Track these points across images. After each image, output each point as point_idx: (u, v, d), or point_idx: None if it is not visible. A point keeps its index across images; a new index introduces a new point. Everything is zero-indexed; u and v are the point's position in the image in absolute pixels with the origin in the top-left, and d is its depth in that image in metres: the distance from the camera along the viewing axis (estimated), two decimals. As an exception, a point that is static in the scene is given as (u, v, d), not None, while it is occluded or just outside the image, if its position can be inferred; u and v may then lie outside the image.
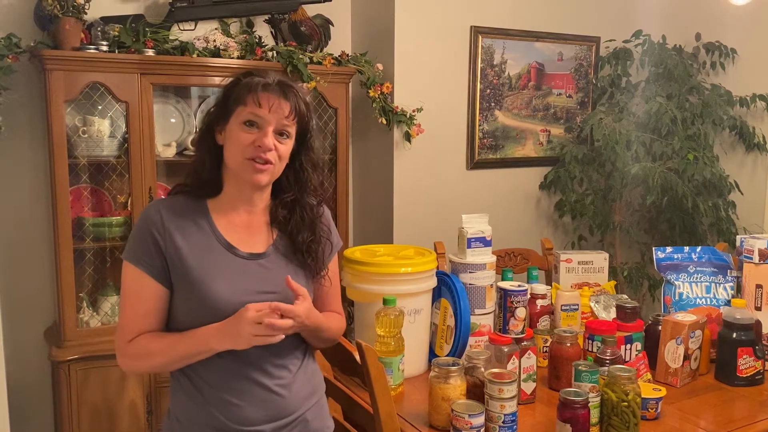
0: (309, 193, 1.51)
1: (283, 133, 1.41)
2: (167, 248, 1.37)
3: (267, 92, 1.39)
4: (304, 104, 1.44)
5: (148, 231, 1.38)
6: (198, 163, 1.45)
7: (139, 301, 1.38)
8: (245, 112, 1.39)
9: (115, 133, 2.69)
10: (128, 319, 1.39)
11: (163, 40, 2.69)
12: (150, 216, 1.40)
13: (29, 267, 2.81)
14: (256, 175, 1.39)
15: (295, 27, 2.98)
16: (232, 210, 1.45)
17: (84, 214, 2.72)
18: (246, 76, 1.44)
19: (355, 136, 3.32)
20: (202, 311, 1.36)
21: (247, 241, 1.44)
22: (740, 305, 2.05)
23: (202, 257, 1.38)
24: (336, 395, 1.80)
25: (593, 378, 1.67)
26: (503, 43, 3.41)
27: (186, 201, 1.44)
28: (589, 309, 2.29)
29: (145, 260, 1.37)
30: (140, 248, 1.38)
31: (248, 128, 1.39)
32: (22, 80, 2.63)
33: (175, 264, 1.37)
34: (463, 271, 2.10)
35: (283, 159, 1.42)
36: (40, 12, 2.57)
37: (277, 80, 1.42)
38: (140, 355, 1.38)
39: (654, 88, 3.44)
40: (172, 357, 1.37)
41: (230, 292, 1.37)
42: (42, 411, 2.86)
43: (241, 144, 1.38)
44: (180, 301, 1.38)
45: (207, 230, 1.41)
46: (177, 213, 1.41)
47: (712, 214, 3.29)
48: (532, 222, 3.64)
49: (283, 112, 1.39)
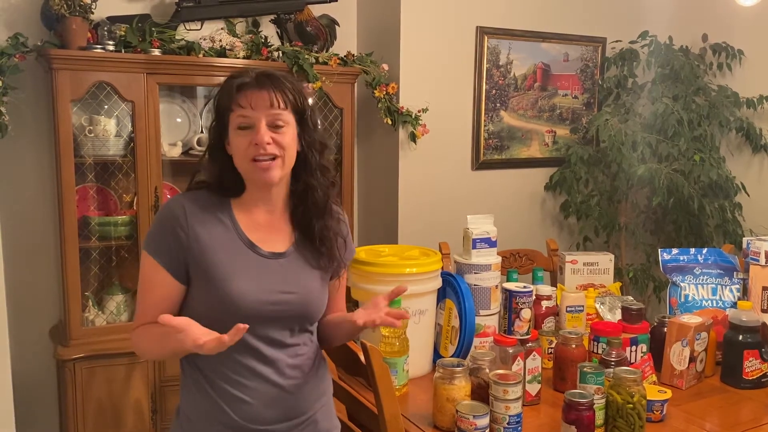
0: (316, 176, 1.47)
1: (277, 124, 1.39)
2: (190, 244, 1.37)
3: (245, 90, 1.38)
4: (289, 89, 1.41)
5: (170, 226, 1.38)
6: (216, 175, 1.45)
7: (151, 291, 1.40)
8: (235, 118, 1.39)
9: (121, 132, 2.69)
10: (140, 306, 1.42)
11: (169, 40, 2.70)
12: (173, 211, 1.39)
13: (35, 265, 2.82)
14: (265, 174, 1.39)
15: (301, 27, 2.99)
16: (254, 208, 1.45)
17: (90, 213, 2.73)
18: (226, 82, 1.43)
19: (360, 136, 3.32)
20: (220, 307, 1.36)
21: (268, 241, 1.44)
22: (746, 307, 2.04)
23: (225, 254, 1.38)
24: (341, 395, 1.80)
25: (598, 380, 1.66)
26: (509, 43, 3.41)
27: (209, 196, 1.44)
28: (594, 310, 2.29)
29: (163, 254, 1.37)
30: (160, 242, 1.38)
31: (243, 132, 1.38)
32: (29, 79, 2.64)
33: (197, 260, 1.37)
34: (468, 271, 2.10)
35: (289, 148, 1.40)
36: (47, 11, 2.57)
37: (254, 75, 1.41)
38: (141, 344, 1.41)
39: (660, 89, 3.43)
40: (163, 352, 1.38)
41: (251, 290, 1.37)
42: (47, 409, 2.87)
43: (240, 149, 1.39)
44: (199, 295, 1.39)
45: (230, 227, 1.42)
46: (201, 208, 1.41)
47: (718, 216, 3.28)
48: (537, 223, 3.64)
49: (266, 104, 1.37)
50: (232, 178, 1.43)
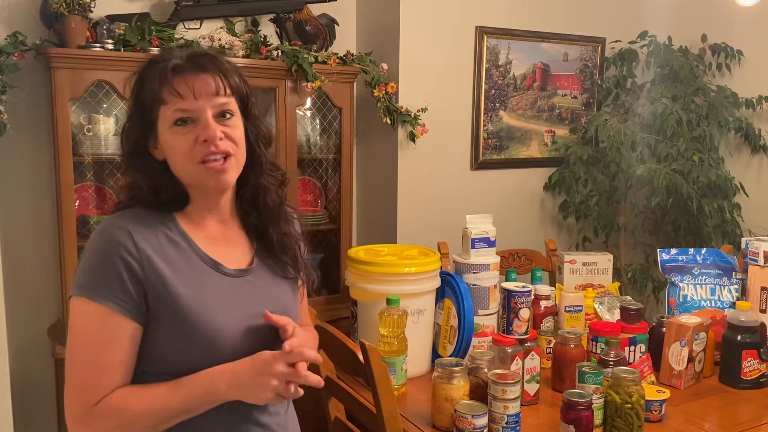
0: (266, 175, 1.26)
1: (224, 113, 1.15)
2: (147, 276, 1.10)
3: (181, 75, 1.12)
4: (231, 70, 1.18)
5: (118, 257, 1.09)
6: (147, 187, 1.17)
7: (107, 349, 1.09)
8: (169, 112, 1.13)
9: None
10: (92, 375, 1.10)
11: (168, 39, 2.69)
12: (116, 238, 1.10)
13: (33, 264, 2.81)
14: (219, 177, 1.15)
15: (300, 26, 2.98)
16: (202, 221, 1.21)
17: (88, 212, 2.72)
18: (150, 66, 1.16)
19: (359, 135, 3.32)
20: (196, 346, 1.11)
21: (228, 256, 1.21)
22: (745, 308, 2.04)
23: (190, 282, 1.13)
24: (339, 395, 1.80)
25: (597, 379, 1.66)
26: (508, 43, 3.41)
27: (149, 215, 1.16)
28: (593, 310, 2.29)
29: (113, 295, 1.08)
30: (106, 280, 1.09)
31: (181, 128, 1.13)
32: (28, 78, 2.63)
33: (159, 295, 1.10)
34: (466, 271, 2.10)
35: (240, 142, 1.18)
36: (46, 10, 2.57)
37: (186, 55, 1.16)
38: (116, 422, 1.09)
39: (659, 89, 3.43)
40: (162, 416, 1.10)
41: (228, 319, 1.14)
42: (45, 408, 2.87)
43: (182, 150, 1.13)
44: (163, 338, 1.12)
45: (185, 248, 1.16)
46: (146, 228, 1.14)
47: (717, 216, 3.28)
48: (536, 223, 3.64)
49: (211, 90, 1.13)
50: (169, 187, 1.17)
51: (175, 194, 1.18)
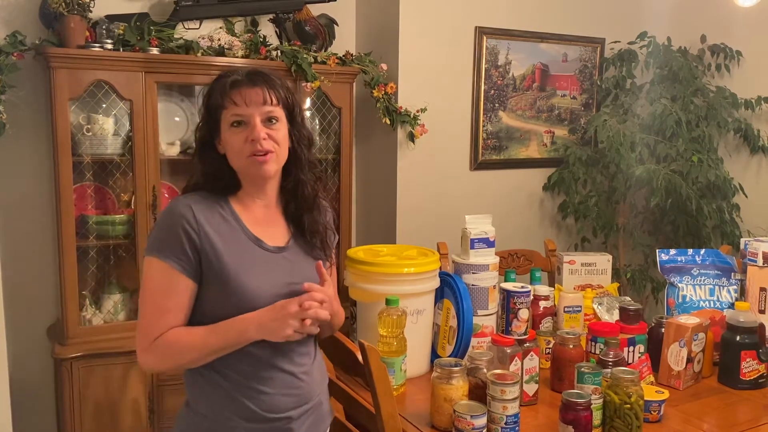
0: (305, 171, 1.53)
1: (270, 119, 1.44)
2: (203, 245, 1.39)
3: (238, 88, 1.42)
4: (279, 86, 1.46)
5: (180, 226, 1.38)
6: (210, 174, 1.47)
7: (167, 297, 1.39)
8: (228, 116, 1.42)
9: (119, 131, 2.69)
10: (155, 316, 1.39)
11: (167, 39, 2.69)
12: (180, 211, 1.40)
13: (32, 264, 2.81)
14: (262, 168, 1.43)
15: (299, 26, 2.99)
16: (251, 204, 1.49)
17: (87, 212, 2.72)
18: (217, 81, 1.47)
19: (358, 136, 3.32)
20: (233, 305, 1.39)
21: (270, 235, 1.48)
22: (744, 308, 2.04)
23: (235, 252, 1.41)
24: (338, 395, 1.80)
25: (596, 380, 1.66)
26: (508, 43, 3.41)
27: (209, 196, 1.46)
28: (592, 311, 2.29)
29: (176, 256, 1.38)
30: (170, 244, 1.38)
31: (237, 129, 1.42)
32: (27, 78, 2.63)
33: (210, 260, 1.39)
34: (466, 271, 2.10)
35: (282, 143, 1.46)
36: (45, 10, 2.57)
37: (245, 73, 1.46)
38: (170, 353, 1.39)
39: (659, 89, 3.43)
40: (204, 351, 1.38)
41: (264, 285, 1.41)
42: (44, 408, 2.87)
43: (236, 146, 1.42)
44: (211, 295, 1.40)
45: (234, 225, 1.45)
46: (206, 207, 1.43)
47: (716, 217, 3.28)
48: (535, 223, 3.64)
49: (259, 100, 1.42)
50: (228, 175, 1.47)
51: (230, 181, 1.47)
